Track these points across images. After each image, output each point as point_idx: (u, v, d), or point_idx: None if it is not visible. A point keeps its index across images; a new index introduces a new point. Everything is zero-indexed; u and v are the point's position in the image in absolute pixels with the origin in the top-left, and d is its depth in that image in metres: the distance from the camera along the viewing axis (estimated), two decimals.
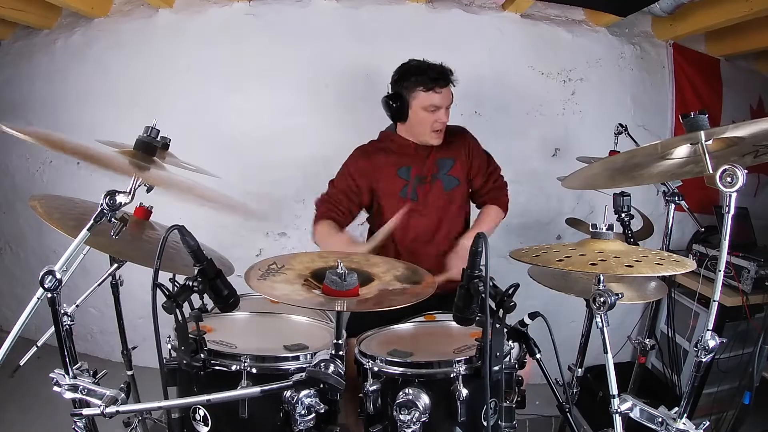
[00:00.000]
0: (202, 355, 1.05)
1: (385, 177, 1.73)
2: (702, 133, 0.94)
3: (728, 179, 0.82)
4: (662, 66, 2.54)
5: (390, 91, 1.73)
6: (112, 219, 0.92)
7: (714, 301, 0.88)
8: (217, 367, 1.06)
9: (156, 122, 1.07)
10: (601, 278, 1.01)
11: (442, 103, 1.65)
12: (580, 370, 1.65)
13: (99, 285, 1.52)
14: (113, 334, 1.76)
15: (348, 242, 1.59)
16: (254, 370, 1.05)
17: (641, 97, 2.54)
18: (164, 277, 0.97)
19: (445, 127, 1.70)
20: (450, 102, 1.69)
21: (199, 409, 1.06)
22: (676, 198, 1.69)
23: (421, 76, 1.64)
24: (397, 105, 1.69)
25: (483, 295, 0.93)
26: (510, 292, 1.00)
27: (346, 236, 1.65)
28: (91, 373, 0.99)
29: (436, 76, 1.63)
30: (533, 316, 1.18)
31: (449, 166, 1.78)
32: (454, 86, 1.71)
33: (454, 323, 1.06)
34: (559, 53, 2.45)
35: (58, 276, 0.87)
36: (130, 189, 0.92)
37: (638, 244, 1.59)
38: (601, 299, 0.99)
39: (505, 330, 1.09)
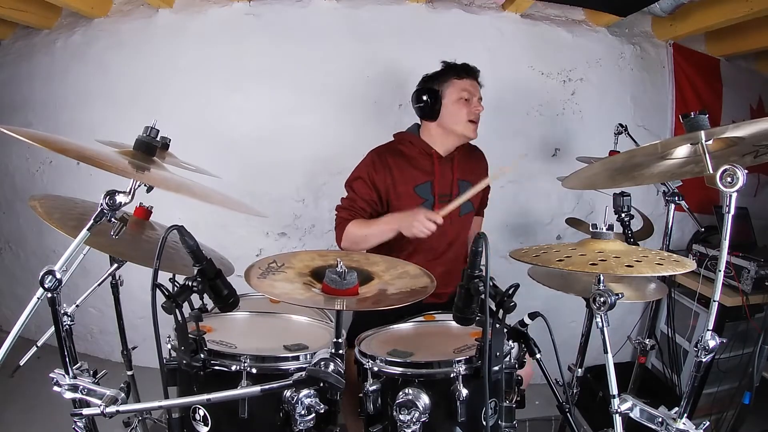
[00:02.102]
0: (202, 355, 1.05)
1: (403, 195, 1.67)
2: (702, 133, 0.94)
3: (728, 179, 0.82)
4: (662, 66, 2.54)
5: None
6: (112, 219, 0.92)
7: (714, 301, 0.88)
8: (217, 367, 1.06)
9: (156, 122, 1.07)
10: (601, 278, 1.01)
11: (474, 91, 1.67)
12: (580, 370, 1.65)
13: (99, 285, 1.52)
14: (113, 334, 1.76)
15: (399, 216, 1.56)
16: (254, 370, 1.05)
17: (641, 97, 2.54)
18: (164, 277, 0.97)
19: (479, 119, 1.69)
20: (479, 95, 1.69)
21: (199, 409, 1.06)
22: (676, 198, 1.69)
23: (453, 68, 1.70)
24: (429, 99, 1.65)
25: (483, 295, 0.93)
26: (510, 292, 1.00)
27: (391, 214, 1.63)
28: (91, 373, 0.99)
29: (468, 68, 1.70)
30: (533, 316, 1.18)
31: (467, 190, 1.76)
32: (480, 86, 1.73)
33: (454, 323, 1.06)
34: (559, 53, 2.45)
35: (58, 276, 0.87)
36: (130, 189, 0.92)
37: (638, 244, 1.60)
38: (601, 299, 0.99)
39: (505, 330, 1.09)
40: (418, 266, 1.23)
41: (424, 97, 1.66)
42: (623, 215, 1.66)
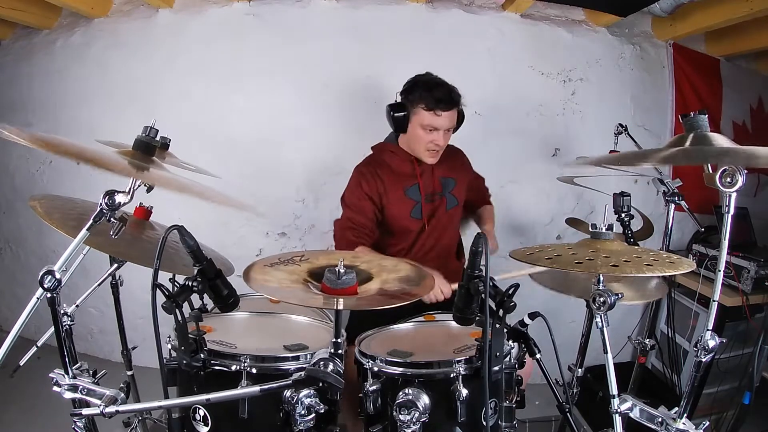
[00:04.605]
0: (202, 355, 1.05)
1: (395, 200, 1.70)
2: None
3: (728, 179, 0.82)
4: (662, 66, 2.54)
5: (397, 100, 1.68)
6: (112, 219, 0.92)
7: (714, 301, 0.88)
8: (217, 367, 1.06)
9: (155, 122, 1.07)
10: (601, 278, 1.01)
11: (441, 125, 1.61)
12: (580, 370, 1.65)
13: (99, 285, 1.52)
14: (113, 334, 1.76)
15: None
16: (254, 370, 1.05)
17: (641, 97, 2.54)
18: (164, 277, 0.97)
19: (441, 149, 1.68)
20: (451, 126, 1.64)
21: (199, 409, 1.06)
22: (676, 198, 1.69)
23: (426, 93, 1.59)
24: (398, 115, 1.65)
25: (483, 295, 0.93)
26: (510, 292, 1.00)
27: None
28: (91, 373, 0.99)
29: (440, 98, 1.58)
30: (533, 316, 1.18)
31: (452, 186, 1.79)
32: (460, 107, 1.66)
33: (454, 323, 1.06)
34: (559, 53, 2.45)
35: (58, 276, 0.87)
36: (130, 189, 0.92)
37: (638, 244, 1.60)
38: (601, 299, 0.99)
39: (505, 330, 1.09)
40: (417, 266, 1.23)
41: (393, 114, 1.65)
42: (623, 215, 1.66)
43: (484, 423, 1.01)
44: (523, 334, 1.17)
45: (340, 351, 0.99)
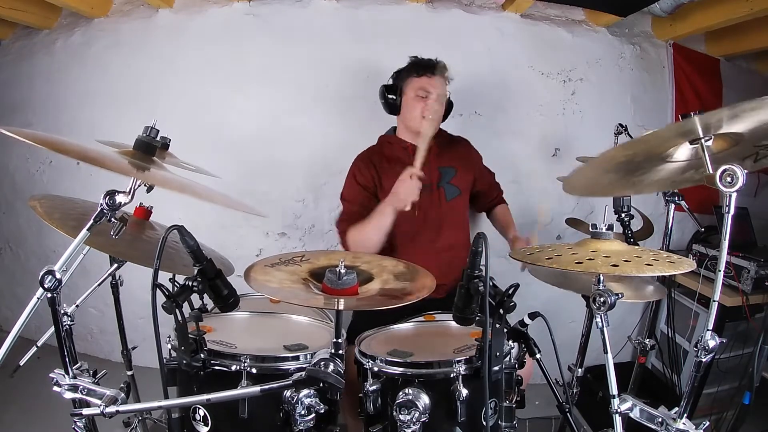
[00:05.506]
0: (202, 355, 1.05)
1: (389, 188, 1.67)
2: (697, 118, 0.90)
3: (728, 179, 0.82)
4: (662, 66, 2.54)
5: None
6: (112, 219, 0.92)
7: (714, 301, 0.88)
8: (217, 367, 1.06)
9: (155, 122, 1.07)
10: (601, 278, 1.01)
11: (431, 88, 1.68)
12: (580, 370, 1.65)
13: (99, 285, 1.52)
14: (113, 334, 1.76)
15: (386, 199, 1.58)
16: (254, 370, 1.05)
17: (641, 97, 2.54)
18: (164, 277, 0.97)
19: (437, 116, 1.70)
20: (441, 92, 1.70)
21: (199, 409, 1.06)
22: (676, 198, 1.70)
23: (413, 66, 1.75)
24: (391, 95, 1.76)
25: (483, 295, 0.93)
26: (510, 292, 1.00)
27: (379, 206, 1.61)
28: (91, 373, 0.99)
29: (426, 64, 1.73)
30: (533, 316, 1.19)
31: (451, 176, 1.78)
32: (447, 82, 1.74)
33: (454, 323, 1.06)
34: (559, 53, 2.45)
35: (58, 276, 0.87)
36: (130, 189, 0.92)
37: (638, 244, 1.60)
38: (601, 299, 0.99)
39: (505, 330, 1.09)
40: (418, 266, 1.23)
41: (386, 94, 1.77)
42: (623, 215, 1.66)
43: (484, 423, 1.02)
44: (523, 334, 1.17)
45: (340, 351, 0.99)
